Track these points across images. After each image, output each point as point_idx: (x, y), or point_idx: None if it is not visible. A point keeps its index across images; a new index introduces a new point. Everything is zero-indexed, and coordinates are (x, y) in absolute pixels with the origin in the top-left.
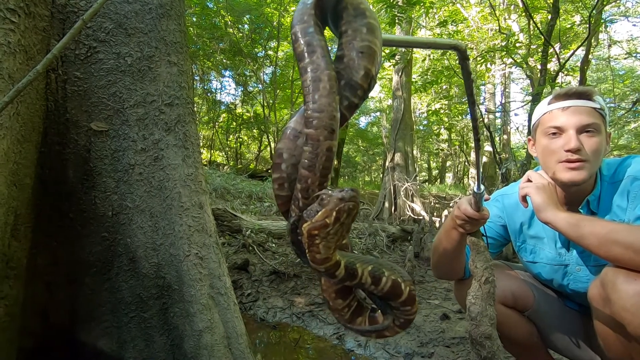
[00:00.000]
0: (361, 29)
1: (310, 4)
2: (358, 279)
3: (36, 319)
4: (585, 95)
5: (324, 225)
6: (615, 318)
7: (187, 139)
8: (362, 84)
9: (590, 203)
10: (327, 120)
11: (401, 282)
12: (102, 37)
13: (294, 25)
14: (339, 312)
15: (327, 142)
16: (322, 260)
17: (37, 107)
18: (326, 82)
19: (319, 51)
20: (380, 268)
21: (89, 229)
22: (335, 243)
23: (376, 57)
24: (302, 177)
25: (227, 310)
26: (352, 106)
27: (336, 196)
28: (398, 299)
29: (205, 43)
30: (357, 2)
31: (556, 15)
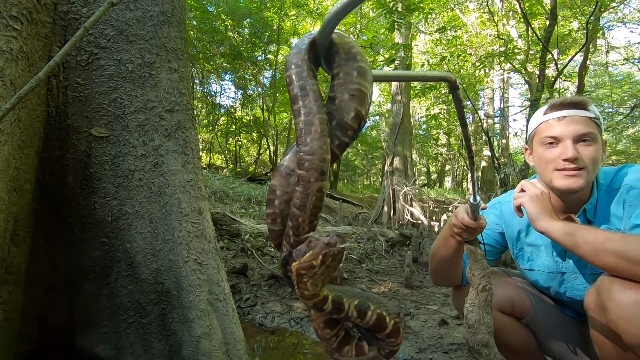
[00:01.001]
0: (352, 72)
1: (304, 49)
2: (345, 313)
3: (34, 324)
4: (581, 105)
5: (311, 267)
6: (610, 327)
7: (187, 145)
8: (352, 124)
9: (587, 211)
10: (317, 162)
11: (386, 316)
12: (104, 43)
13: (289, 69)
14: (327, 341)
15: (318, 183)
16: (310, 296)
17: (38, 112)
18: (317, 126)
19: (312, 95)
20: (366, 302)
21: (88, 234)
22: (323, 282)
23: (366, 99)
24: (294, 216)
25: (225, 316)
26: (343, 145)
27: (323, 241)
28: (383, 332)
29: (205, 46)
30: (349, 46)
31: (554, 22)
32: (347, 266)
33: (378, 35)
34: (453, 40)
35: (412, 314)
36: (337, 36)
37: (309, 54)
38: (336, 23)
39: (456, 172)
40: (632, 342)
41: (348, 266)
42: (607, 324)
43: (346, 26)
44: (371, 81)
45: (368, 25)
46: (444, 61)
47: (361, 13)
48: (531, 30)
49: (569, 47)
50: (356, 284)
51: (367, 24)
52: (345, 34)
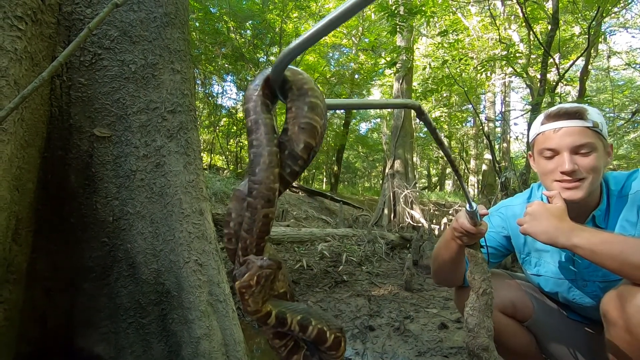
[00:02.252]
0: (303, 107)
1: (258, 86)
2: (288, 327)
3: (34, 324)
4: (577, 115)
5: (249, 286)
6: (631, 333)
7: (189, 146)
8: (302, 155)
9: (597, 218)
10: (264, 191)
11: (326, 331)
12: (107, 44)
13: (246, 103)
14: (277, 350)
15: (264, 210)
16: (253, 312)
17: (41, 112)
18: (266, 157)
19: (263, 129)
20: (308, 317)
21: (89, 234)
22: (262, 299)
23: (316, 131)
24: (242, 238)
25: (225, 317)
26: (294, 173)
27: (257, 264)
28: (324, 345)
29: (207, 48)
30: (301, 83)
31: (556, 27)
32: (347, 269)
33: (380, 38)
34: (455, 44)
35: (411, 317)
36: (290, 73)
37: (264, 89)
38: (288, 63)
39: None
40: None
41: (348, 269)
42: (628, 330)
43: (348, 29)
44: (322, 114)
45: (370, 28)
46: (445, 65)
47: (363, 16)
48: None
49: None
50: (356, 286)
51: (369, 26)
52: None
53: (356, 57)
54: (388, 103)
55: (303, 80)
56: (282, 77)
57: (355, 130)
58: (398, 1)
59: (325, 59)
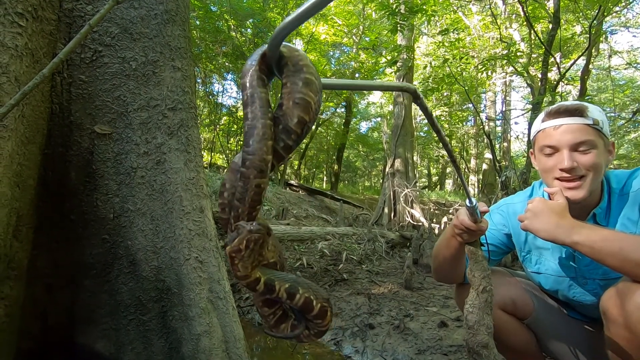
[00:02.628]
0: (298, 82)
1: (256, 62)
2: (276, 294)
3: (35, 321)
4: (577, 112)
5: (238, 250)
6: (630, 330)
7: (190, 143)
8: (295, 129)
9: (597, 216)
10: (257, 162)
11: (313, 300)
12: (108, 41)
13: (242, 77)
14: (266, 318)
15: (256, 179)
16: (242, 277)
17: (42, 109)
18: (260, 129)
19: (258, 102)
20: (296, 286)
21: (89, 231)
22: (252, 264)
23: (310, 107)
24: (235, 207)
25: (225, 314)
26: (288, 147)
27: (247, 228)
28: (310, 313)
29: (208, 46)
30: (297, 59)
31: (557, 26)
32: (347, 267)
33: (380, 37)
34: (455, 43)
35: (411, 315)
36: (286, 49)
37: (261, 65)
38: (283, 38)
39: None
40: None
41: (348, 267)
42: (627, 327)
43: (349, 27)
44: (317, 90)
45: (371, 27)
46: (446, 63)
47: (364, 14)
48: (534, 34)
49: (572, 50)
50: (356, 284)
51: (369, 25)
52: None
53: (357, 56)
54: (383, 85)
55: (299, 57)
56: (278, 52)
57: (356, 129)
58: (399, 0)
59: (326, 57)
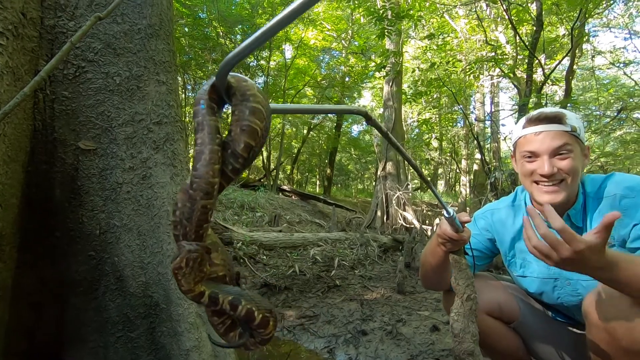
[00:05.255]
0: (245, 110)
1: (206, 91)
2: (220, 306)
3: (21, 340)
4: (556, 120)
5: (180, 267)
6: (609, 331)
7: (176, 157)
8: (242, 154)
9: (572, 217)
10: (203, 185)
11: (255, 310)
12: (91, 57)
13: (195, 105)
14: (215, 327)
15: (202, 201)
16: (186, 291)
17: (24, 127)
18: (207, 154)
19: (207, 129)
20: (239, 298)
21: (75, 247)
22: (194, 280)
23: (257, 133)
24: (182, 226)
25: None
26: (235, 170)
27: (186, 248)
28: (253, 323)
29: (197, 53)
30: (244, 89)
31: (540, 28)
32: (339, 273)
33: (369, 41)
34: (443, 46)
35: (404, 320)
36: (234, 80)
37: (211, 94)
38: (229, 69)
39: (448, 176)
40: (631, 347)
41: (341, 273)
42: (607, 330)
43: (337, 32)
44: (263, 118)
45: (359, 32)
46: (434, 67)
47: (352, 19)
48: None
49: (557, 51)
50: (349, 290)
51: (358, 30)
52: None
53: (346, 60)
54: (335, 109)
55: (246, 87)
56: (225, 82)
57: (347, 132)
58: (385, 6)
59: (316, 62)
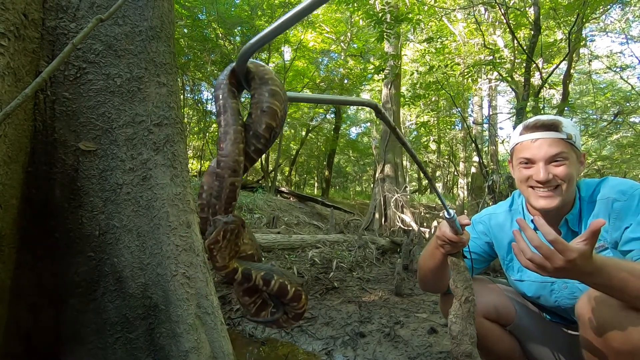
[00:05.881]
0: (265, 93)
1: (226, 76)
2: (253, 282)
3: (19, 341)
4: (553, 127)
5: (216, 241)
6: (603, 335)
7: (176, 158)
8: (264, 134)
9: (569, 222)
10: (231, 163)
11: (287, 284)
12: (92, 58)
13: (216, 90)
14: (247, 307)
15: (231, 178)
16: (221, 267)
17: (24, 127)
18: (232, 134)
19: (230, 111)
20: (270, 273)
21: (75, 248)
22: (229, 255)
23: (277, 114)
24: (212, 204)
25: (214, 329)
26: (258, 150)
27: (223, 220)
28: (286, 297)
29: (196, 54)
30: (262, 73)
31: (538, 33)
32: (337, 275)
33: (368, 44)
34: (441, 50)
35: (402, 322)
36: (252, 65)
37: (231, 79)
38: (250, 55)
39: (446, 178)
40: (622, 348)
41: (339, 275)
42: (600, 332)
43: (337, 34)
44: (282, 100)
45: (358, 35)
46: (432, 70)
47: (351, 22)
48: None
49: (554, 55)
50: (347, 292)
51: (357, 32)
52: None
53: (345, 63)
54: (347, 100)
55: (264, 71)
56: (245, 68)
57: (346, 134)
58: (384, 9)
59: (315, 64)
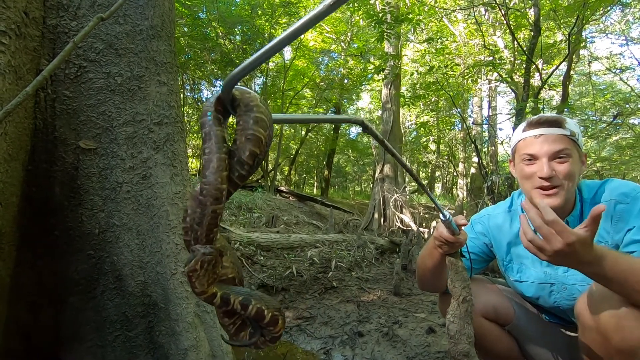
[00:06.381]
0: (249, 120)
1: (212, 103)
2: (231, 306)
3: (18, 339)
4: (556, 124)
5: (194, 270)
6: (600, 332)
7: (176, 157)
8: (248, 161)
9: (570, 223)
10: (213, 191)
11: (264, 309)
12: (93, 57)
13: (201, 117)
14: (226, 328)
15: (212, 206)
16: (200, 293)
17: (25, 125)
18: (215, 162)
19: (214, 139)
20: (249, 298)
21: (74, 246)
22: (207, 282)
23: (261, 141)
24: (194, 230)
25: (213, 328)
26: (241, 176)
27: (201, 251)
28: (263, 321)
29: (196, 53)
30: (248, 100)
31: (538, 34)
32: (336, 275)
33: (368, 44)
34: (441, 50)
35: (400, 322)
36: (238, 92)
37: (217, 106)
38: (235, 83)
39: (446, 179)
40: (620, 347)
41: (338, 275)
42: (599, 331)
43: (337, 34)
44: (266, 127)
45: (359, 35)
46: (432, 70)
47: (352, 21)
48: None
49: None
50: (345, 292)
51: (357, 32)
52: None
53: (345, 63)
54: (333, 118)
55: (250, 98)
56: (230, 95)
57: (345, 134)
58: (385, 9)
59: (315, 63)
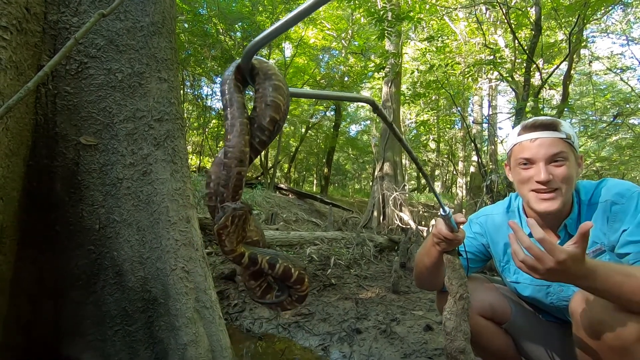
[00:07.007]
0: (268, 87)
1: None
2: (259, 265)
3: (19, 333)
4: (552, 127)
5: (225, 226)
6: (596, 333)
7: (176, 154)
8: (268, 126)
9: (568, 226)
10: (237, 153)
11: (291, 267)
12: (94, 53)
13: (222, 85)
14: (253, 290)
15: (237, 168)
16: (229, 251)
17: (26, 121)
18: (238, 127)
19: (236, 104)
20: (275, 257)
21: (75, 242)
22: (237, 239)
23: (280, 108)
24: (220, 193)
25: (212, 323)
26: (262, 142)
27: (232, 206)
28: (290, 280)
29: (196, 49)
30: (266, 69)
31: (539, 33)
32: (335, 272)
33: (369, 41)
34: (442, 49)
35: (398, 319)
36: (257, 62)
37: (236, 74)
38: (254, 52)
39: (445, 177)
40: (614, 344)
41: (336, 272)
42: (593, 330)
43: (338, 32)
44: (285, 94)
45: (359, 32)
46: (433, 69)
47: (353, 19)
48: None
49: (555, 56)
50: (344, 289)
51: (358, 30)
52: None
53: (345, 60)
54: (345, 96)
55: (268, 67)
56: (250, 64)
57: (345, 132)
58: (386, 7)
59: (315, 61)
